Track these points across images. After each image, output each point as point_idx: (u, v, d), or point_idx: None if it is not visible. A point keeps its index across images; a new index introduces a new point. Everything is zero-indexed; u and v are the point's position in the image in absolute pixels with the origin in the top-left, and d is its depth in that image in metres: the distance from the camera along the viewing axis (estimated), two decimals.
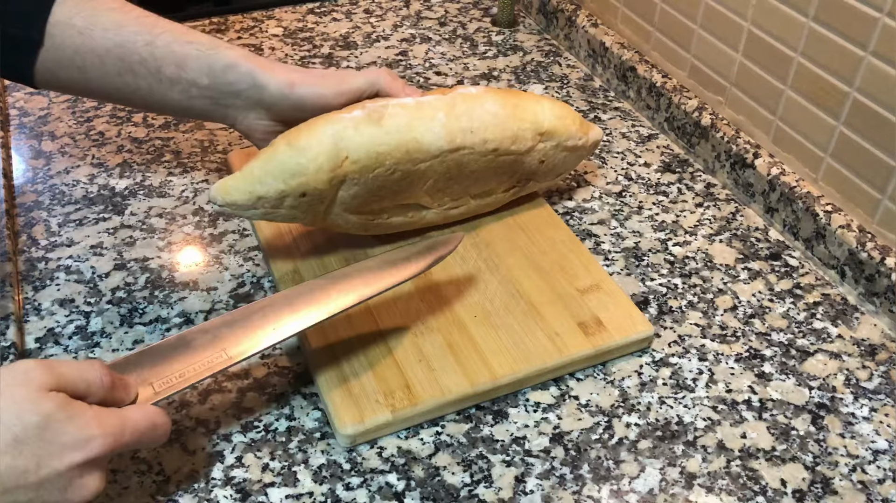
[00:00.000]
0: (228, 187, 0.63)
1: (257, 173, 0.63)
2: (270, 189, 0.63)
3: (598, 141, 0.78)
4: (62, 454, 0.46)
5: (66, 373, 0.48)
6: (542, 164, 0.73)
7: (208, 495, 0.56)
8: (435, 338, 0.65)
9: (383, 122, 0.65)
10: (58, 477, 0.46)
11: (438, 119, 0.67)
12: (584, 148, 0.76)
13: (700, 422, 0.62)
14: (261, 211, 0.64)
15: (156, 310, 0.69)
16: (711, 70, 0.85)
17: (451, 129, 0.67)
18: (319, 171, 0.63)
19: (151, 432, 0.51)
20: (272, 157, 0.63)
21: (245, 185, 0.63)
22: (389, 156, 0.65)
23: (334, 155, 0.63)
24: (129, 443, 0.49)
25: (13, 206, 0.79)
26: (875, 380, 0.65)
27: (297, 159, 0.63)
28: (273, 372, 0.65)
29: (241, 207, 0.64)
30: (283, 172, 0.63)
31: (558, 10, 1.06)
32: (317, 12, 1.13)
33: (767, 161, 0.79)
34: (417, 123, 0.66)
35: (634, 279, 0.74)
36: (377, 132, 0.64)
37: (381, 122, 0.65)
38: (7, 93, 0.95)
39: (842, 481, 0.58)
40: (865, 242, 0.70)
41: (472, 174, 0.70)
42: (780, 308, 0.71)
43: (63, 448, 0.46)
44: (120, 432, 0.49)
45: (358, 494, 0.57)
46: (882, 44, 0.66)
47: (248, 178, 0.63)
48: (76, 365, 0.49)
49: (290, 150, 0.63)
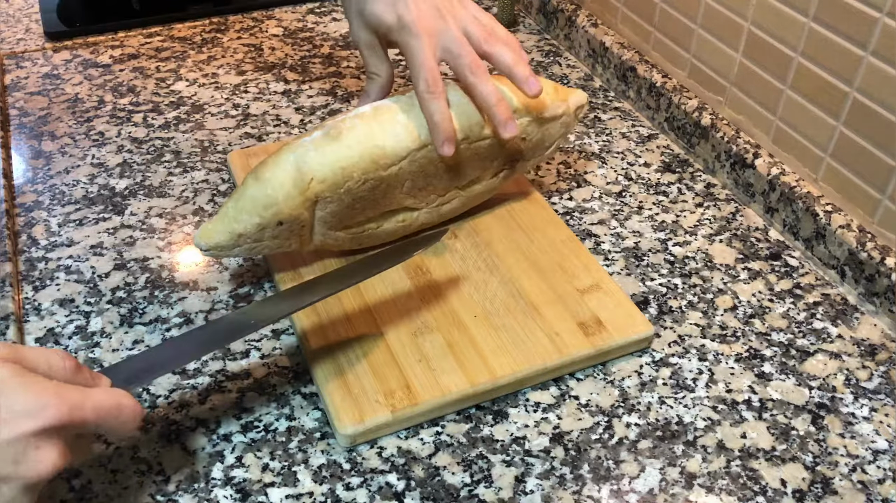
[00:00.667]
0: (209, 231, 0.64)
1: (232, 213, 0.64)
2: (248, 224, 0.64)
3: (581, 105, 0.76)
4: (13, 422, 0.43)
5: (26, 351, 0.47)
6: (525, 141, 0.73)
7: (208, 495, 0.56)
8: (435, 338, 0.65)
9: (342, 137, 0.65)
10: (7, 446, 0.43)
11: (398, 121, 0.66)
12: (566, 115, 0.75)
13: (700, 422, 0.62)
14: (246, 247, 0.65)
15: (156, 310, 0.69)
16: (711, 70, 0.85)
17: (411, 127, 0.66)
18: (288, 197, 0.64)
19: (116, 412, 0.47)
20: (242, 193, 0.64)
21: (223, 226, 0.64)
22: (356, 168, 0.65)
23: (299, 179, 0.64)
24: (89, 420, 0.46)
25: (13, 206, 0.79)
26: (875, 380, 0.65)
27: (264, 191, 0.64)
28: (273, 372, 0.65)
29: (226, 248, 0.64)
30: (256, 206, 0.63)
31: (558, 10, 1.06)
32: (317, 12, 1.13)
33: (767, 161, 0.79)
34: (377, 130, 0.66)
35: (634, 279, 0.74)
36: (338, 147, 0.64)
37: (339, 138, 0.65)
38: (7, 93, 0.95)
39: (842, 481, 0.58)
40: (865, 242, 0.70)
41: (452, 167, 0.70)
42: (780, 308, 0.71)
43: (14, 415, 0.43)
44: (79, 405, 0.45)
45: (358, 494, 0.57)
46: (882, 44, 0.66)
47: (225, 219, 0.64)
48: (40, 348, 0.48)
49: (258, 184, 0.64)
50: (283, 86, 0.98)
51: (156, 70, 1.00)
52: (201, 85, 0.97)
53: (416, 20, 0.67)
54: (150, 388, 0.63)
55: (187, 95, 0.96)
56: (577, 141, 0.90)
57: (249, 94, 0.96)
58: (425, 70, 0.66)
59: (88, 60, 1.02)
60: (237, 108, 0.94)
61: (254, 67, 1.01)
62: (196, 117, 0.92)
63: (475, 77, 0.67)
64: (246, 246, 0.65)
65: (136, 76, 0.99)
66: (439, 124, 0.66)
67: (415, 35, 0.67)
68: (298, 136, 0.68)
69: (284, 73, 1.00)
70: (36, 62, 1.01)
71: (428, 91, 0.66)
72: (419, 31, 0.67)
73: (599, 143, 0.90)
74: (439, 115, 0.66)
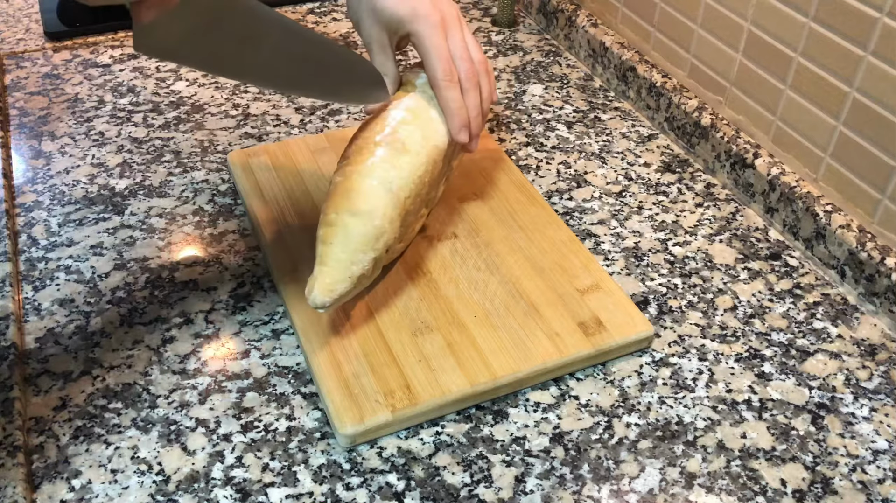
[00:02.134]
0: (329, 285, 0.61)
1: (345, 257, 0.61)
2: (365, 262, 0.62)
3: None
4: None
5: None
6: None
7: (208, 495, 0.56)
8: (435, 338, 0.65)
9: (409, 147, 0.65)
10: None
11: (434, 117, 0.68)
12: None
13: (700, 422, 0.62)
14: (361, 285, 0.63)
15: (156, 310, 0.69)
16: (711, 70, 0.85)
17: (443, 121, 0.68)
18: (392, 222, 0.63)
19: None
20: (347, 234, 0.62)
21: (341, 274, 0.61)
22: (426, 172, 0.66)
23: (395, 201, 0.64)
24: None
25: (13, 206, 0.79)
26: (875, 380, 0.65)
27: (371, 223, 0.62)
28: (273, 372, 0.65)
29: (347, 294, 0.62)
30: (368, 241, 0.62)
31: (558, 10, 1.06)
32: (317, 12, 1.13)
33: (767, 161, 0.79)
34: (429, 131, 0.67)
35: (634, 279, 0.74)
36: (411, 159, 0.65)
37: (406, 149, 0.65)
38: (7, 93, 0.95)
39: (842, 481, 0.58)
40: (865, 242, 0.70)
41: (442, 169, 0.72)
42: (780, 308, 0.71)
43: None
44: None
45: (358, 494, 0.57)
46: (882, 44, 0.66)
47: (341, 267, 0.61)
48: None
49: (360, 219, 0.62)
50: None
51: (156, 70, 1.00)
52: (201, 85, 0.98)
53: (429, 12, 0.68)
54: (150, 388, 0.63)
55: (187, 95, 0.96)
56: (577, 141, 0.90)
57: (249, 94, 0.96)
58: (442, 59, 0.68)
59: (88, 60, 1.02)
60: (237, 108, 0.94)
61: None
62: (196, 117, 0.92)
63: (467, 84, 0.69)
64: (361, 284, 0.63)
65: (136, 76, 0.99)
66: (456, 112, 0.68)
67: (431, 25, 0.68)
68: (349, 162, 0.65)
69: None
70: (36, 62, 1.01)
71: (445, 79, 0.67)
72: (435, 21, 0.68)
73: (599, 143, 0.90)
74: (456, 102, 0.68)
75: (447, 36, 0.69)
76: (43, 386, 0.63)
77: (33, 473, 0.57)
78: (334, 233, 0.62)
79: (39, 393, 0.63)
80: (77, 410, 0.62)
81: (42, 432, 0.60)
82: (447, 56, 0.68)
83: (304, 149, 0.84)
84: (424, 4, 0.69)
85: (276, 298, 0.71)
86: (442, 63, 0.68)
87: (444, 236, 0.74)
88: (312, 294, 0.60)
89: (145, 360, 0.65)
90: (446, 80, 0.68)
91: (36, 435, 0.60)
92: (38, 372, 0.64)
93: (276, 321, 0.69)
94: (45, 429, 0.60)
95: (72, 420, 0.61)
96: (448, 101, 0.68)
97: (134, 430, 0.60)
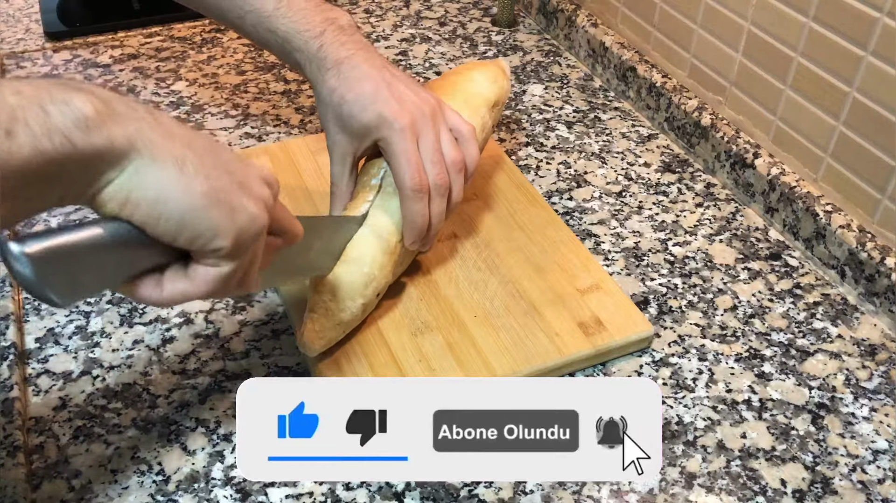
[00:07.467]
0: (317, 333, 0.61)
1: (334, 306, 0.61)
2: (353, 309, 0.62)
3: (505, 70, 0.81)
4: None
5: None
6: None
7: (208, 495, 0.56)
8: (435, 338, 0.65)
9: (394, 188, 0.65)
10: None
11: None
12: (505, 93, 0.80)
13: (700, 422, 0.62)
14: (348, 329, 0.63)
15: (156, 310, 0.69)
16: (711, 70, 0.85)
17: None
18: (382, 267, 0.64)
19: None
20: (337, 283, 0.62)
21: (330, 321, 0.61)
22: None
23: (385, 246, 0.64)
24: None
25: None
26: (875, 380, 0.65)
27: (360, 271, 0.62)
28: (273, 372, 0.65)
29: (336, 338, 0.62)
30: (357, 289, 0.62)
31: (558, 10, 1.06)
32: None
33: (767, 161, 0.79)
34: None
35: (634, 279, 0.74)
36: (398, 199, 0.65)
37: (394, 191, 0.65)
38: None
39: (842, 481, 0.58)
40: (865, 242, 0.70)
41: None
42: (780, 308, 0.71)
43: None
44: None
45: (358, 494, 0.57)
46: (882, 44, 0.66)
47: (330, 315, 0.61)
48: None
49: (351, 266, 0.62)
50: (283, 86, 0.98)
51: (156, 70, 1.00)
52: (201, 85, 0.98)
53: (397, 116, 0.64)
54: (150, 388, 0.63)
55: (187, 95, 0.96)
56: (577, 141, 0.90)
57: (249, 94, 0.96)
58: (411, 166, 0.63)
59: (88, 60, 1.02)
60: (237, 108, 0.94)
61: (254, 67, 1.01)
62: (196, 117, 0.92)
63: (435, 192, 0.65)
64: (350, 327, 0.63)
65: (136, 76, 0.99)
66: (417, 224, 0.64)
67: (399, 130, 0.63)
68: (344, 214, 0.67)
69: (284, 73, 1.00)
70: (36, 62, 1.01)
71: (413, 189, 0.63)
72: (403, 126, 0.63)
73: (599, 143, 0.90)
74: (419, 216, 0.64)
75: (419, 138, 0.64)
76: (43, 386, 0.63)
77: (33, 473, 0.57)
78: (324, 281, 0.62)
79: (39, 393, 0.63)
80: (77, 410, 0.62)
81: (42, 432, 0.60)
82: (417, 163, 0.63)
83: (304, 149, 0.84)
84: (391, 108, 0.64)
85: (276, 298, 0.71)
86: (410, 170, 0.63)
87: (443, 236, 0.74)
88: (303, 342, 0.61)
89: (145, 360, 0.65)
90: (413, 190, 0.63)
91: (36, 435, 0.60)
92: (38, 372, 0.64)
93: (276, 321, 0.69)
94: (45, 429, 0.60)
95: (72, 420, 0.61)
96: (412, 213, 0.64)
97: (134, 430, 0.60)
